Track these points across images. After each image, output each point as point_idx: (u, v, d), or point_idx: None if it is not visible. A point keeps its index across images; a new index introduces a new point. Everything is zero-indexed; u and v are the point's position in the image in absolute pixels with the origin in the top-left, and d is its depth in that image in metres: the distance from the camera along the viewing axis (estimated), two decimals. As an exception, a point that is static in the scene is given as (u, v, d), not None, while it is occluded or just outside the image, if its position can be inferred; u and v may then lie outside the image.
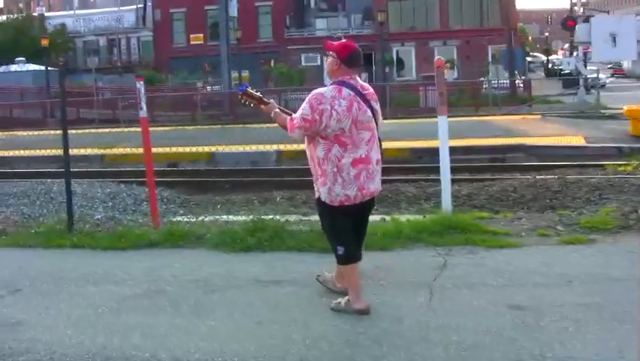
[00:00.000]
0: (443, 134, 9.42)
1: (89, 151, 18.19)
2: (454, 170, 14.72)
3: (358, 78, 5.84)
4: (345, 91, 5.63)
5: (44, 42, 43.89)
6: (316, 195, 6.00)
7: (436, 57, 10.30)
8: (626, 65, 67.76)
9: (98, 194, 12.67)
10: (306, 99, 5.67)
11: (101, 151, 18.95)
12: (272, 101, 6.22)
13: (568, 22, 33.41)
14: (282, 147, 16.66)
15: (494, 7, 58.12)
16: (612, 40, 24.82)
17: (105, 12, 69.02)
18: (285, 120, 5.89)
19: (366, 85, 5.87)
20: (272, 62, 55.18)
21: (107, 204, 11.96)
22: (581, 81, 32.86)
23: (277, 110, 6.07)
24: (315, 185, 5.99)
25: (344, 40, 5.94)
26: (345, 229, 5.89)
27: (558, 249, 7.75)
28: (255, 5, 56.90)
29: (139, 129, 9.69)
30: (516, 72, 40.17)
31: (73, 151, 17.93)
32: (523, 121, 23.95)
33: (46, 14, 68.37)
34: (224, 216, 10.64)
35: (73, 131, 23.26)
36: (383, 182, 6.23)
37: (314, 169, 5.90)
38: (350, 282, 6.02)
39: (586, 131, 20.41)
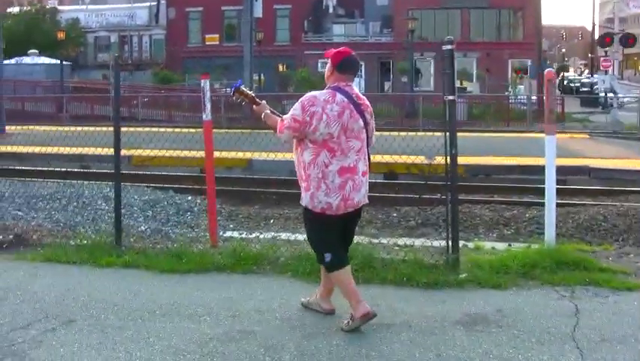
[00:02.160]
0: (550, 156, 8.26)
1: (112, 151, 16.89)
2: (517, 191, 13.70)
3: (355, 87, 5.75)
4: (339, 97, 5.54)
5: (60, 35, 42.70)
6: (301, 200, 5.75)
7: (547, 69, 9.05)
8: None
9: (135, 201, 11.41)
10: (299, 101, 5.58)
11: (130, 152, 17.60)
12: (264, 101, 6.12)
13: (605, 38, 32.27)
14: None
15: (516, 20, 57.11)
16: None
17: (118, 8, 67.82)
18: (275, 122, 5.79)
19: (362, 96, 5.77)
20: (283, 66, 54.06)
21: (147, 214, 10.71)
22: (615, 100, 31.64)
23: (268, 111, 5.98)
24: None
25: (341, 48, 5.79)
26: (331, 236, 5.72)
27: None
28: (274, 8, 55.63)
29: (161, 129, 8.47)
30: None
31: (97, 150, 17.01)
32: (572, 140, 22.72)
33: (59, 7, 67.17)
34: (284, 235, 9.42)
35: (92, 128, 22.21)
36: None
37: (299, 174, 5.72)
38: (346, 290, 5.77)
39: (642, 153, 19.24)
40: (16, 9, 61.22)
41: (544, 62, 47.74)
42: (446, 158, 7.49)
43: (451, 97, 7.47)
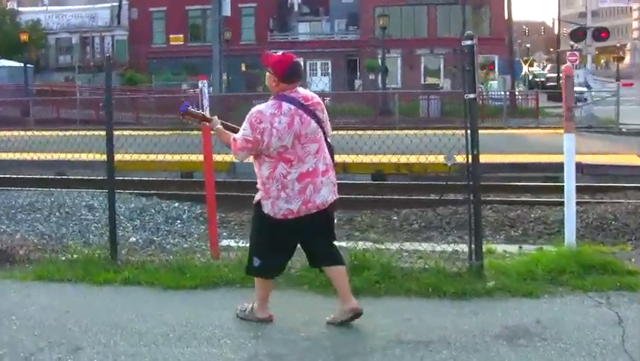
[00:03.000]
0: (570, 154, 7.86)
1: (91, 156, 16.22)
2: (511, 190, 13.29)
3: (300, 89, 5.54)
4: (285, 106, 5.38)
5: (24, 37, 41.62)
6: (255, 199, 5.66)
7: (566, 64, 8.63)
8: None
9: (121, 209, 10.75)
10: (247, 118, 5.45)
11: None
12: (215, 117, 6.00)
13: (578, 32, 32.08)
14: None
15: (481, 16, 57.04)
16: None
17: (79, 9, 66.64)
18: (229, 138, 5.64)
19: (309, 95, 5.58)
20: (243, 65, 53.35)
21: (135, 223, 10.13)
22: (589, 95, 31.46)
23: (219, 126, 5.87)
24: (258, 194, 5.63)
25: (280, 53, 5.55)
26: (271, 244, 5.58)
27: None
28: (239, 7, 54.86)
29: (134, 132, 7.96)
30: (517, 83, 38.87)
31: (74, 156, 16.34)
32: (556, 136, 22.32)
33: (19, 9, 65.80)
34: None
35: (61, 133, 21.46)
36: (455, 203, 4.72)
37: (260, 186, 5.57)
38: (260, 292, 5.82)
39: (627, 148, 18.88)
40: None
41: (514, 57, 47.57)
42: (467, 157, 7.02)
43: (471, 95, 7.01)
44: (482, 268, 6.95)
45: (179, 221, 10.42)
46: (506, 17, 47.39)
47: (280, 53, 5.59)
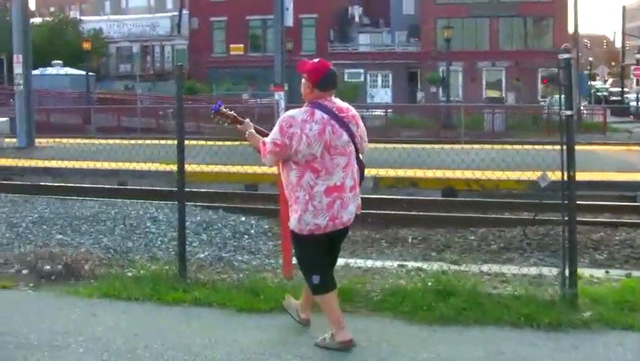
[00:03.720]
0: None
1: (153, 167, 16.00)
2: (587, 209, 12.65)
3: (337, 100, 5.46)
4: (318, 114, 5.27)
5: (86, 45, 41.88)
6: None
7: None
8: None
9: (187, 223, 10.42)
10: (277, 122, 5.36)
11: (171, 167, 16.62)
12: (247, 120, 5.88)
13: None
14: (381, 172, 14.37)
15: (544, 28, 56.13)
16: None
17: (139, 18, 67.35)
18: (258, 142, 5.55)
19: (345, 106, 5.46)
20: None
21: (202, 238, 9.75)
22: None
23: (252, 130, 5.74)
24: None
25: (316, 61, 5.46)
26: (318, 258, 5.48)
27: None
28: (300, 17, 54.73)
29: (192, 142, 7.64)
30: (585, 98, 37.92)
31: (136, 165, 16.14)
32: (630, 153, 21.58)
33: (81, 18, 66.68)
34: (356, 261, 8.45)
35: (123, 142, 21.38)
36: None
37: (288, 196, 5.49)
38: (330, 314, 5.52)
39: None
40: (38, 19, 60.64)
41: (582, 72, 46.45)
42: (562, 175, 6.51)
43: (568, 112, 6.51)
44: (577, 297, 6.43)
45: (246, 236, 10.03)
46: (570, 30, 46.37)
47: (317, 60, 5.48)
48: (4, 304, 6.78)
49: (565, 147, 6.52)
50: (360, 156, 5.52)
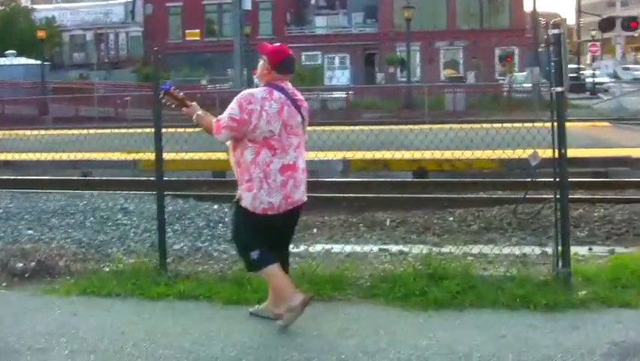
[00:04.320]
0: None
1: (117, 155, 15.65)
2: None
3: (290, 84, 5.56)
4: (277, 93, 5.39)
5: (41, 34, 41.01)
6: (236, 197, 5.58)
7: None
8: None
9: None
10: (235, 99, 5.40)
11: (133, 156, 16.30)
12: (194, 103, 5.85)
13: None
14: (348, 154, 14.18)
15: (499, 8, 56.28)
16: None
17: (93, 5, 66.26)
18: (210, 123, 5.54)
19: (298, 92, 5.59)
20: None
21: (175, 228, 9.47)
22: (618, 87, 30.71)
23: (200, 112, 5.71)
24: (238, 189, 5.54)
25: (277, 45, 5.60)
26: (261, 235, 5.44)
27: None
28: (256, 1, 54.25)
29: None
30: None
31: (99, 155, 15.74)
32: (596, 129, 21.65)
33: (33, 6, 65.31)
34: (338, 247, 8.27)
35: (85, 132, 20.87)
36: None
37: (239, 175, 5.49)
38: (279, 284, 5.47)
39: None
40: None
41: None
42: (553, 152, 6.38)
43: (559, 88, 6.38)
44: (570, 276, 6.33)
45: (220, 225, 9.77)
46: (527, 9, 46.55)
47: (278, 44, 5.62)
48: (-25, 306, 6.46)
49: (555, 124, 6.39)
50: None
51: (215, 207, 10.85)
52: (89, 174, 15.90)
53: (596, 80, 51.37)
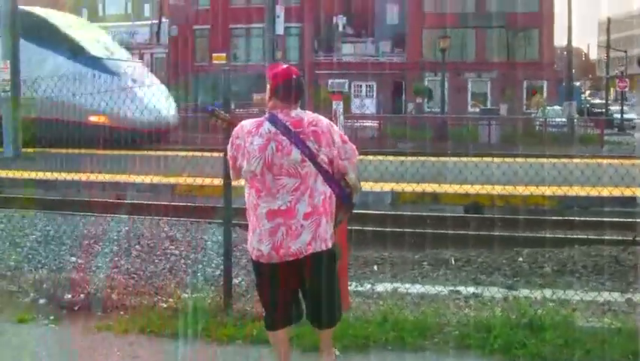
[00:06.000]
0: None
1: (156, 179, 15.12)
2: (619, 226, 11.90)
3: (297, 111, 4.62)
4: (266, 126, 4.57)
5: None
6: None
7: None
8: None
9: (207, 243, 9.61)
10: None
11: (172, 180, 15.70)
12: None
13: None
14: (396, 186, 13.59)
15: (530, 41, 55.83)
16: None
17: (118, 25, 66.22)
18: None
19: (306, 120, 4.58)
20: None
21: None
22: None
23: None
24: None
25: (280, 68, 4.73)
26: (263, 288, 4.81)
27: None
28: (284, 27, 54.05)
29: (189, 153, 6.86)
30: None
31: (135, 178, 15.25)
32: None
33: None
34: (406, 286, 7.70)
35: (116, 152, 20.43)
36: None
37: None
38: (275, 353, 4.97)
39: None
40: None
41: (574, 83, 45.81)
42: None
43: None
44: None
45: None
46: (557, 42, 46.01)
47: (285, 66, 4.79)
48: (25, 344, 5.87)
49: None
50: (348, 176, 4.71)
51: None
52: (123, 197, 15.35)
53: (625, 115, 50.74)
